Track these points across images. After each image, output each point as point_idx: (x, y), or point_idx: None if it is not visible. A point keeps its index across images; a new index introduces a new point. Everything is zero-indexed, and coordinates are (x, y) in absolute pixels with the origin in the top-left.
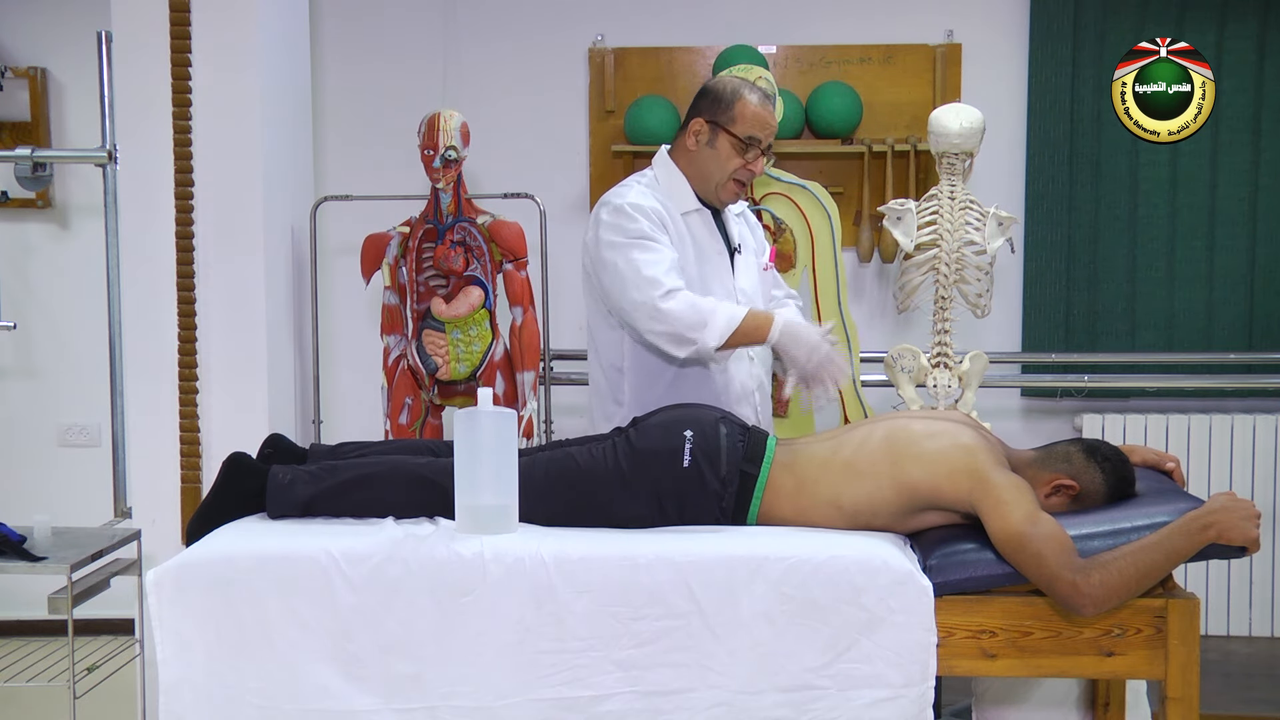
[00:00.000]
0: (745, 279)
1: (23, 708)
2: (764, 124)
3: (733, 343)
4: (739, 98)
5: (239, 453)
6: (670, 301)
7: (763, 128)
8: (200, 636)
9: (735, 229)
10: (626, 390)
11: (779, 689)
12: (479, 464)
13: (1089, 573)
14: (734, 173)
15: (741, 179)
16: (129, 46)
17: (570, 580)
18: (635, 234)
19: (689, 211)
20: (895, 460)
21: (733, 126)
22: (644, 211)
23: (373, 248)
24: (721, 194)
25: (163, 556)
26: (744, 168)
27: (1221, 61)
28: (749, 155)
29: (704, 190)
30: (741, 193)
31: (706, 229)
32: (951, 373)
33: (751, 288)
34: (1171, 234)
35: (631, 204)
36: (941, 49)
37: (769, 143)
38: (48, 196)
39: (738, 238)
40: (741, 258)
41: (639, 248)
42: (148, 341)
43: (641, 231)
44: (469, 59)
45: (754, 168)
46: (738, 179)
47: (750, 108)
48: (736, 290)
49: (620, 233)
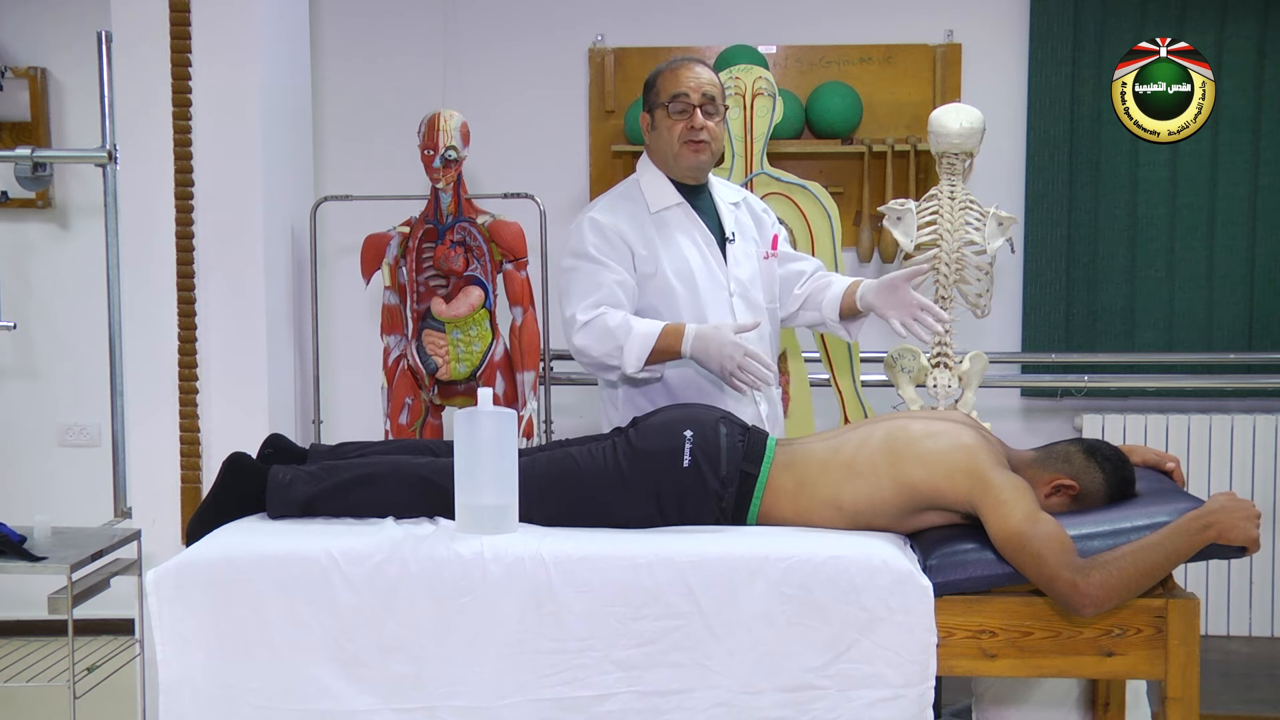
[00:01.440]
0: (741, 268)
1: (23, 708)
2: (681, 80)
3: (653, 361)
4: (657, 75)
5: (239, 453)
6: (582, 336)
7: (681, 83)
8: (200, 636)
9: (730, 218)
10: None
11: (779, 689)
12: (479, 464)
13: (1089, 573)
14: (680, 137)
15: (692, 140)
16: (129, 46)
17: (570, 580)
18: (579, 253)
19: (666, 207)
20: (895, 460)
21: (659, 99)
22: (599, 228)
23: (373, 248)
24: (681, 166)
25: (163, 556)
26: (686, 128)
27: (1221, 61)
28: (683, 116)
29: (673, 172)
30: (700, 154)
31: (689, 221)
32: (951, 373)
33: (749, 276)
34: (1171, 234)
35: (591, 220)
36: (941, 49)
37: (703, 96)
38: (48, 196)
39: (732, 226)
40: (736, 246)
41: (575, 272)
42: (148, 341)
43: (583, 251)
44: (469, 59)
45: (694, 123)
46: (688, 142)
47: (665, 75)
48: (730, 279)
49: (569, 252)
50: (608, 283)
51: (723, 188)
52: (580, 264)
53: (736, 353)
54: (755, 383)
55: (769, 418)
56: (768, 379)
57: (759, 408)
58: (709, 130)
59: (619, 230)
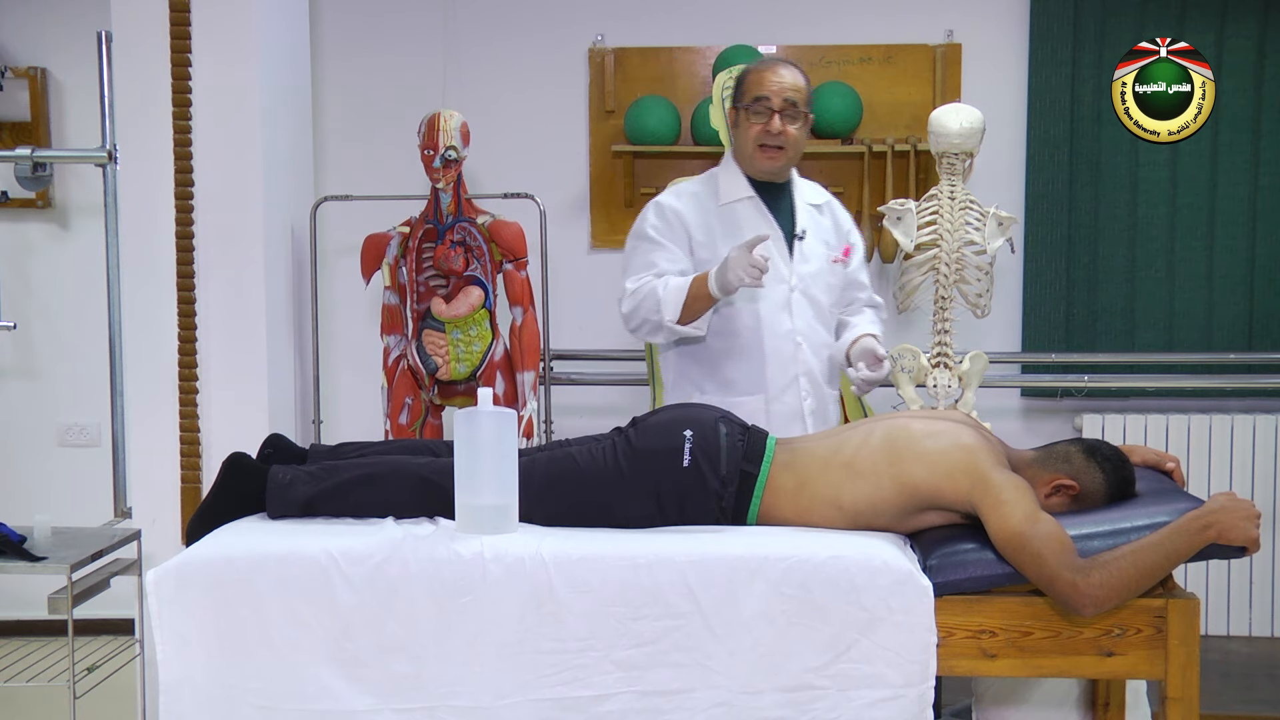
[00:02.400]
0: (808, 265)
1: (23, 708)
2: (765, 83)
3: (690, 310)
4: (747, 73)
5: (239, 453)
6: (629, 301)
7: (765, 86)
8: (200, 636)
9: (804, 216)
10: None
11: (779, 689)
12: (479, 464)
13: (1089, 573)
14: (756, 140)
15: (766, 144)
16: (129, 46)
17: (570, 580)
18: (639, 234)
19: (737, 200)
20: (895, 460)
21: (742, 100)
22: (661, 211)
23: (373, 248)
24: (756, 165)
25: (163, 556)
26: (762, 131)
27: (1221, 61)
28: (761, 118)
29: (749, 169)
30: (775, 160)
31: (758, 214)
32: (951, 373)
33: (813, 273)
34: (1171, 234)
35: (656, 203)
36: (941, 49)
37: (784, 101)
38: (48, 196)
39: (805, 224)
40: (806, 244)
41: (633, 251)
42: (148, 341)
43: (643, 232)
44: (469, 59)
45: (770, 128)
46: (763, 145)
47: (752, 75)
48: (794, 273)
49: (631, 233)
50: (660, 261)
51: (807, 188)
52: (639, 244)
53: (734, 253)
54: (743, 274)
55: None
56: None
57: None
58: (786, 135)
59: (680, 215)
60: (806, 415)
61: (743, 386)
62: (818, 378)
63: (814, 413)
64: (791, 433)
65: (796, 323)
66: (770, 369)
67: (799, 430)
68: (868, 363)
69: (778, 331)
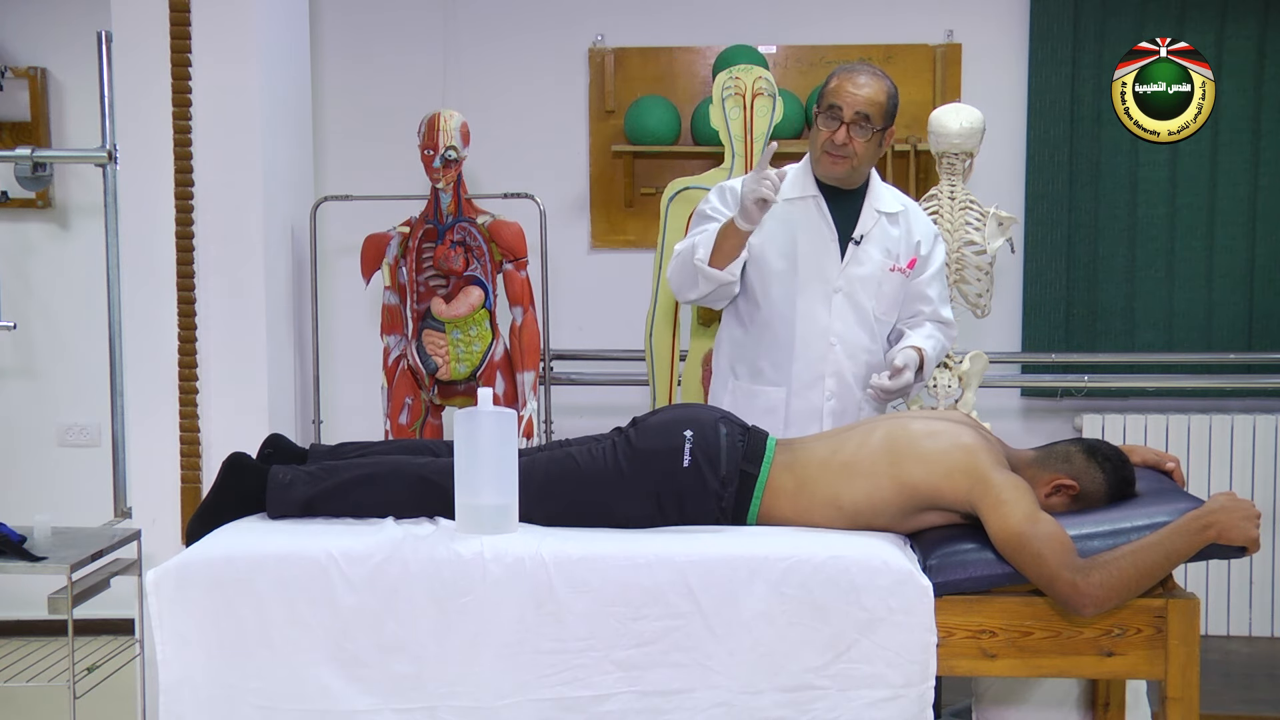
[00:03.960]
0: (861, 268)
1: (23, 708)
2: (841, 91)
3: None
4: (832, 76)
5: (239, 453)
6: (672, 263)
7: (840, 95)
8: (200, 636)
9: (868, 221)
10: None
11: (779, 689)
12: (479, 464)
13: (1089, 573)
14: (823, 146)
15: (830, 151)
16: (129, 46)
17: (570, 580)
18: (699, 213)
19: (799, 198)
20: (895, 460)
21: (821, 103)
22: (722, 192)
23: (373, 248)
24: (821, 169)
25: (163, 556)
26: (828, 138)
27: (1221, 61)
28: (831, 125)
29: (817, 171)
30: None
31: (818, 214)
32: (951, 373)
33: (863, 277)
34: (1171, 234)
35: (718, 186)
36: (941, 49)
37: (855, 114)
38: (48, 196)
39: (866, 229)
40: (861, 248)
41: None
42: (148, 341)
43: (702, 212)
44: (469, 59)
45: (836, 137)
46: (828, 152)
47: (833, 79)
48: (841, 275)
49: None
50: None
51: (885, 194)
52: (695, 222)
53: (752, 175)
54: (755, 193)
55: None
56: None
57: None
58: (854, 146)
59: (738, 195)
60: (826, 415)
61: (769, 377)
62: (848, 380)
63: (835, 414)
64: (808, 430)
65: (834, 323)
66: (797, 364)
67: (815, 428)
68: (890, 373)
69: (812, 329)
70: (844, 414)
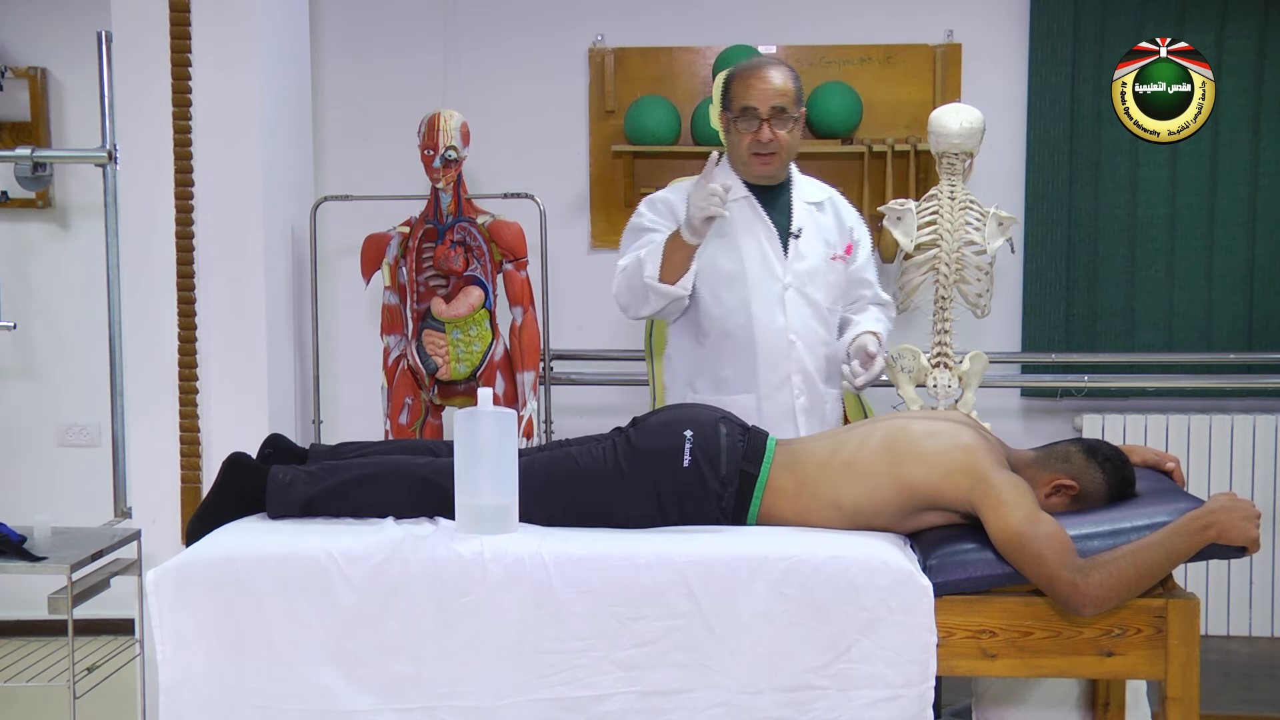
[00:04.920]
0: (804, 263)
1: (23, 708)
2: (751, 92)
3: (669, 262)
4: (732, 79)
5: (239, 453)
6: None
7: (751, 96)
8: (200, 636)
9: (802, 214)
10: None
11: (779, 689)
12: (479, 464)
13: (1089, 572)
14: (749, 149)
15: (758, 152)
16: (129, 46)
17: (570, 580)
18: (632, 227)
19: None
20: (895, 460)
21: (730, 108)
22: (652, 203)
23: (373, 248)
24: (751, 172)
25: (163, 556)
26: (754, 140)
27: (1221, 61)
28: (751, 127)
29: (744, 175)
30: (768, 166)
31: (752, 214)
32: (951, 373)
33: (809, 270)
34: (1171, 234)
35: (648, 198)
36: (941, 49)
37: (772, 109)
38: (48, 196)
39: (801, 222)
40: (802, 242)
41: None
42: (148, 341)
43: (636, 225)
44: (469, 59)
45: (760, 137)
46: (755, 153)
47: (737, 83)
48: (788, 271)
49: (625, 230)
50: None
51: (808, 185)
52: (631, 236)
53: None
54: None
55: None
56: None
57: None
58: (778, 140)
59: (671, 205)
60: (799, 414)
61: (735, 385)
62: (813, 376)
63: (806, 411)
64: (783, 432)
65: (790, 320)
66: (762, 367)
67: (790, 429)
68: (860, 360)
69: (770, 329)
70: (814, 410)
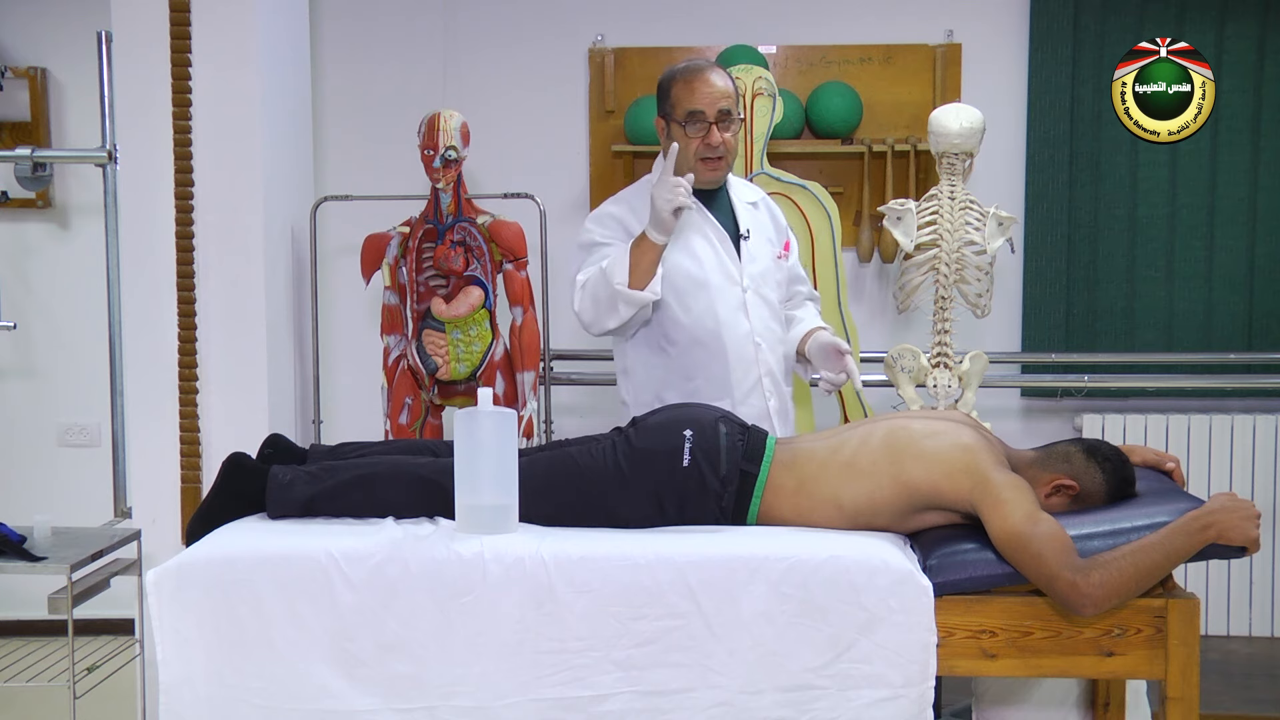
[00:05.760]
0: (756, 264)
1: (23, 708)
2: (696, 96)
3: (638, 268)
4: (672, 83)
5: (239, 453)
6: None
7: (697, 100)
8: (200, 636)
9: (745, 215)
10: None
11: (779, 689)
12: (479, 464)
13: (1089, 572)
14: (697, 154)
15: (708, 156)
16: (129, 46)
17: (570, 580)
18: (583, 244)
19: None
20: (895, 460)
21: (675, 113)
22: (600, 218)
23: (373, 248)
24: (699, 177)
25: (163, 556)
26: (702, 144)
27: (1221, 61)
28: (699, 132)
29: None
30: (717, 170)
31: (702, 218)
32: (951, 373)
33: (761, 272)
34: (1171, 234)
35: (594, 214)
36: (941, 49)
37: (719, 112)
38: (48, 196)
39: (747, 223)
40: (752, 243)
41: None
42: (148, 341)
43: (588, 242)
44: (469, 59)
45: (710, 141)
46: (704, 158)
47: (679, 88)
48: (744, 275)
49: (576, 247)
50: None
51: (741, 187)
52: (584, 253)
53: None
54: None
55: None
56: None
57: (768, 403)
58: (725, 144)
59: (619, 219)
60: (772, 415)
61: (708, 393)
62: (778, 377)
63: (778, 412)
64: None
65: (754, 323)
66: (735, 373)
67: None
68: (832, 359)
69: (737, 334)
70: (785, 411)
